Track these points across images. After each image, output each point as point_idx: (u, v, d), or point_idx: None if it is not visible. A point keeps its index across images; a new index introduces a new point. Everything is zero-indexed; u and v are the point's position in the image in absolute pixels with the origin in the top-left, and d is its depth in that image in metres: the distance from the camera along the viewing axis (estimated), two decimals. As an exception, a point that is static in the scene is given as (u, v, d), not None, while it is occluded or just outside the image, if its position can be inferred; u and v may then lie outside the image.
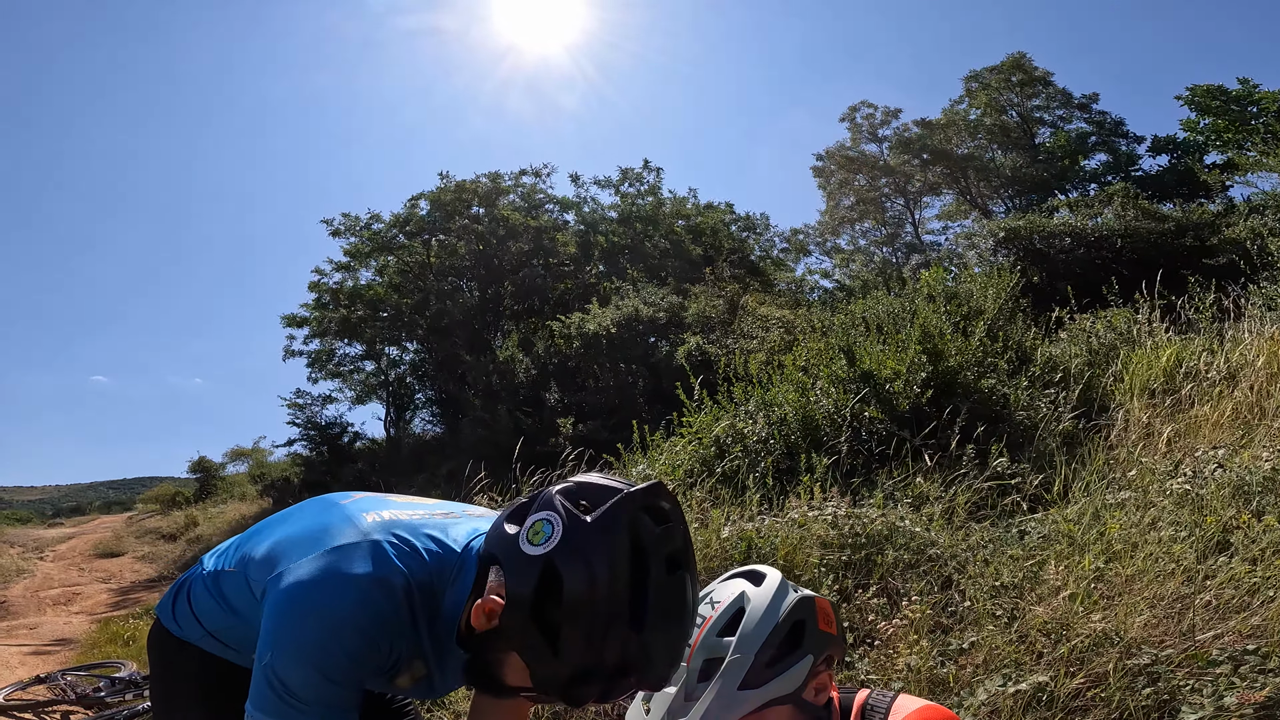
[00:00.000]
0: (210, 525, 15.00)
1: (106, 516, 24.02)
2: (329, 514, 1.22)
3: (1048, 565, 2.59)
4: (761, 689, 1.12)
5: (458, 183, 19.04)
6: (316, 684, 1.04)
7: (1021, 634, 2.29)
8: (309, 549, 1.12)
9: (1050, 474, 3.61)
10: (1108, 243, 10.45)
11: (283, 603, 1.07)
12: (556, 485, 1.09)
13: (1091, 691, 2.00)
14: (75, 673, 4.72)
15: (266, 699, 1.05)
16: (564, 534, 1.00)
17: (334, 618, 1.04)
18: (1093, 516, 2.93)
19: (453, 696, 2.94)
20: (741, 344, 9.33)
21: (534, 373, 13.61)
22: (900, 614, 2.60)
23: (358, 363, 19.58)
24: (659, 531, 1.04)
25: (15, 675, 5.09)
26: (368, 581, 1.07)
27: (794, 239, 24.46)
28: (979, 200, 21.16)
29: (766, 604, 1.17)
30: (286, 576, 1.09)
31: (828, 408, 4.71)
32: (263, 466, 20.00)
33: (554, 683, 1.02)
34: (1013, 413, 4.47)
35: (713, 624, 1.17)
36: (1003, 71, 20.25)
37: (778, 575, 1.23)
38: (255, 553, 1.22)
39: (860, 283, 19.65)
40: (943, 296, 5.72)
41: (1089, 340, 5.63)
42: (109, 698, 4.25)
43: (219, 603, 1.27)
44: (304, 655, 1.04)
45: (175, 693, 1.39)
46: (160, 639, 1.39)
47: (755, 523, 3.59)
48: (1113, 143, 19.55)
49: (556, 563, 0.99)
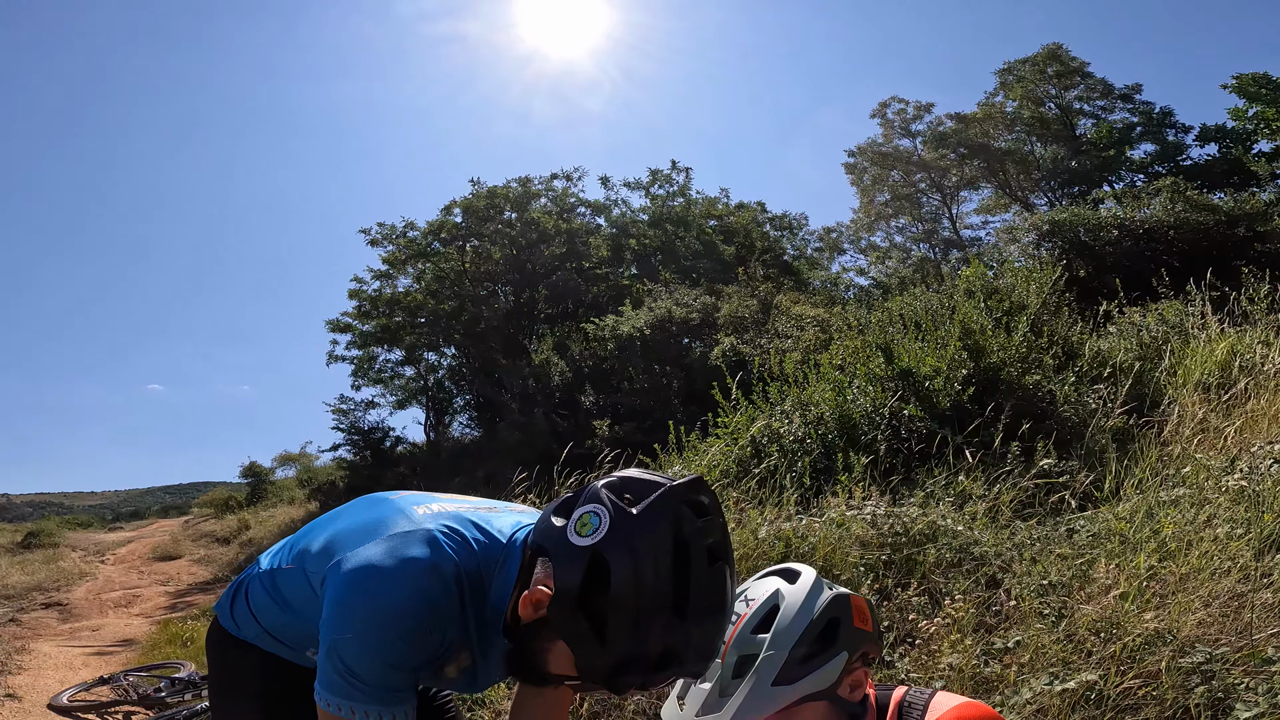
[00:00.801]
0: (261, 528, 15.42)
1: (164, 521, 24.93)
2: (381, 508, 1.26)
3: (1098, 564, 2.53)
4: (795, 685, 1.12)
5: (490, 188, 19.31)
6: (376, 666, 1.08)
7: (1070, 633, 2.25)
8: (366, 538, 1.16)
9: (1100, 471, 3.52)
10: (1157, 234, 10.12)
11: (343, 587, 1.11)
12: (601, 480, 1.11)
13: (1144, 690, 1.95)
14: (136, 673, 4.84)
15: (332, 680, 1.09)
16: (611, 526, 1.03)
17: (392, 602, 1.08)
18: (1145, 514, 2.85)
19: (493, 695, 2.99)
20: (776, 343, 9.28)
21: (569, 375, 13.73)
22: (942, 613, 2.57)
23: (398, 368, 20.00)
24: (700, 524, 1.06)
25: (79, 676, 5.25)
26: (424, 567, 1.11)
27: (827, 237, 24.22)
28: (1019, 194, 20.65)
29: (801, 601, 1.18)
30: (346, 562, 1.13)
31: (865, 406, 4.66)
32: (309, 471, 20.53)
33: (599, 671, 1.05)
34: (1059, 409, 4.36)
35: (747, 621, 1.18)
36: (1038, 63, 19.75)
37: (812, 573, 1.23)
38: (311, 547, 1.26)
39: (897, 280, 19.33)
40: (983, 292, 5.60)
41: (1139, 334, 5.47)
42: (169, 698, 4.35)
43: (276, 601, 1.30)
44: (364, 638, 1.08)
45: (233, 690, 1.43)
46: (218, 638, 1.42)
47: (793, 523, 3.57)
48: (1159, 133, 18.90)
49: (604, 553, 1.02)
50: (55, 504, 61.89)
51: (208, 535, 16.35)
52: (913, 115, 22.02)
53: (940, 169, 21.56)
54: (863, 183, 23.16)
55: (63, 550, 14.63)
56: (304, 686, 1.32)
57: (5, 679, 5.11)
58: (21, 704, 4.60)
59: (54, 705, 4.31)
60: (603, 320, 13.63)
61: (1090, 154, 19.04)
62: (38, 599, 9.25)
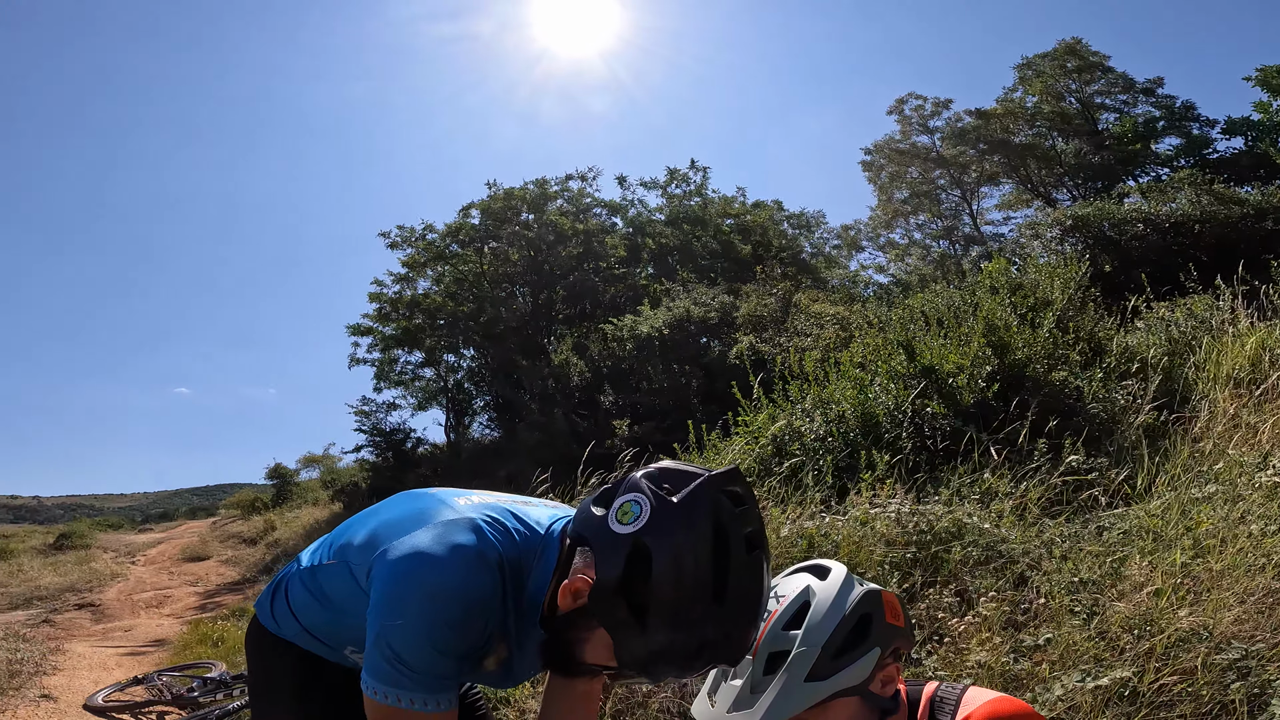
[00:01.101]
0: (287, 529, 15.63)
1: (192, 522, 25.37)
2: (422, 500, 1.28)
3: (1130, 561, 2.50)
4: (828, 681, 1.12)
5: (506, 190, 19.41)
6: (425, 652, 1.09)
7: (1102, 630, 2.23)
8: (413, 526, 1.18)
9: (1131, 468, 3.47)
10: (1184, 228, 9.97)
11: (393, 574, 1.12)
12: (639, 470, 1.13)
13: (1179, 686, 1.93)
14: (169, 674, 4.88)
15: (380, 667, 1.10)
16: (652, 513, 1.04)
17: (441, 588, 1.10)
18: (1179, 511, 2.81)
19: (517, 694, 3.01)
20: (795, 342, 9.24)
21: (588, 376, 13.77)
22: (972, 611, 2.55)
23: (418, 370, 20.17)
24: (738, 512, 1.07)
25: (113, 676, 5.32)
26: (472, 553, 1.12)
27: (845, 234, 24.07)
28: (1041, 189, 20.38)
29: (833, 597, 1.18)
30: (395, 550, 1.15)
31: (887, 404, 4.63)
32: (333, 472, 20.78)
33: (638, 660, 1.06)
34: (1087, 406, 4.31)
35: (778, 617, 1.18)
36: (1057, 58, 19.51)
37: (843, 569, 1.23)
38: (354, 541, 1.27)
39: (917, 277, 19.17)
40: (1006, 288, 5.54)
41: (1168, 329, 5.39)
42: (201, 698, 4.39)
43: (316, 597, 1.30)
44: (413, 624, 1.09)
45: (271, 689, 1.43)
46: (257, 637, 1.43)
47: (815, 521, 3.56)
48: (1182, 126, 18.59)
49: (645, 540, 1.03)
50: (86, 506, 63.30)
51: (235, 536, 16.62)
52: (930, 111, 21.82)
53: (960, 165, 21.33)
54: (880, 180, 22.99)
55: (94, 552, 14.96)
56: (341, 685, 1.34)
57: (40, 679, 5.19)
58: (57, 704, 4.68)
59: (89, 706, 4.35)
60: (621, 320, 13.66)
61: (1113, 148, 18.77)
62: (70, 600, 9.44)
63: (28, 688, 4.92)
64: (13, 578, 10.90)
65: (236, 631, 6.48)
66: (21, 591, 9.81)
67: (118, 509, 55.64)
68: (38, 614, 8.33)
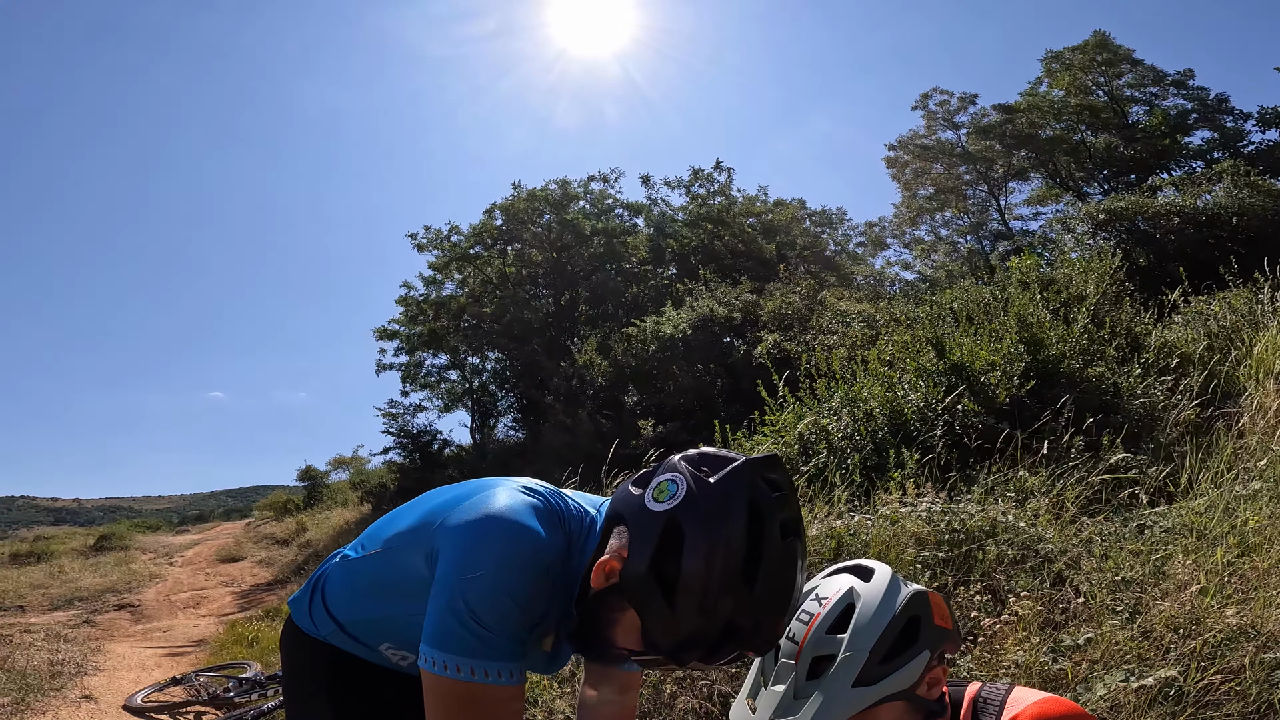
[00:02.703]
0: (318, 530, 15.85)
1: (227, 524, 25.90)
2: (472, 484, 1.27)
3: (1174, 560, 2.44)
4: (876, 686, 1.10)
5: (529, 191, 19.52)
6: (505, 606, 1.05)
7: (1145, 630, 2.17)
8: (478, 493, 1.18)
9: (1173, 465, 3.38)
10: (1220, 221, 9.72)
11: (470, 529, 1.10)
12: (679, 454, 1.12)
13: (1225, 686, 1.88)
14: (206, 674, 4.94)
15: (450, 632, 1.04)
16: (688, 492, 1.04)
17: (523, 538, 1.09)
18: (1223, 509, 2.74)
19: (545, 695, 3.02)
20: (821, 340, 9.17)
21: (612, 376, 13.78)
22: (1007, 610, 2.50)
23: (444, 372, 20.37)
24: (775, 498, 1.06)
25: (152, 677, 5.38)
26: (544, 511, 1.14)
27: (870, 231, 23.82)
28: (1071, 183, 19.98)
29: (880, 599, 1.14)
30: (465, 513, 1.13)
31: (917, 402, 4.57)
32: (362, 474, 21.05)
33: (665, 642, 1.04)
34: (1126, 402, 4.21)
35: (821, 620, 1.14)
36: (1085, 51, 19.15)
37: (887, 570, 1.20)
38: (402, 528, 1.25)
39: (945, 273, 18.90)
40: (1038, 283, 5.44)
41: (1207, 323, 5.25)
42: (237, 698, 4.44)
43: (359, 590, 1.29)
44: (493, 575, 1.05)
45: (306, 689, 1.41)
46: (293, 636, 1.42)
47: (844, 520, 3.53)
48: (1216, 119, 18.13)
49: (680, 518, 1.03)
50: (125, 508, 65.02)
51: (268, 537, 16.90)
52: (956, 106, 21.52)
53: (986, 160, 20.99)
54: (904, 176, 22.71)
55: (133, 553, 15.30)
56: (377, 686, 1.35)
57: (81, 680, 5.27)
58: (98, 705, 4.74)
59: (129, 706, 4.42)
60: (644, 321, 13.65)
61: (1145, 141, 18.36)
62: (110, 601, 9.63)
63: (69, 689, 5.00)
64: (54, 579, 11.14)
65: (270, 632, 6.58)
66: (63, 593, 10.01)
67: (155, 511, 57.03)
68: (79, 615, 8.47)
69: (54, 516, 62.34)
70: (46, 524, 43.83)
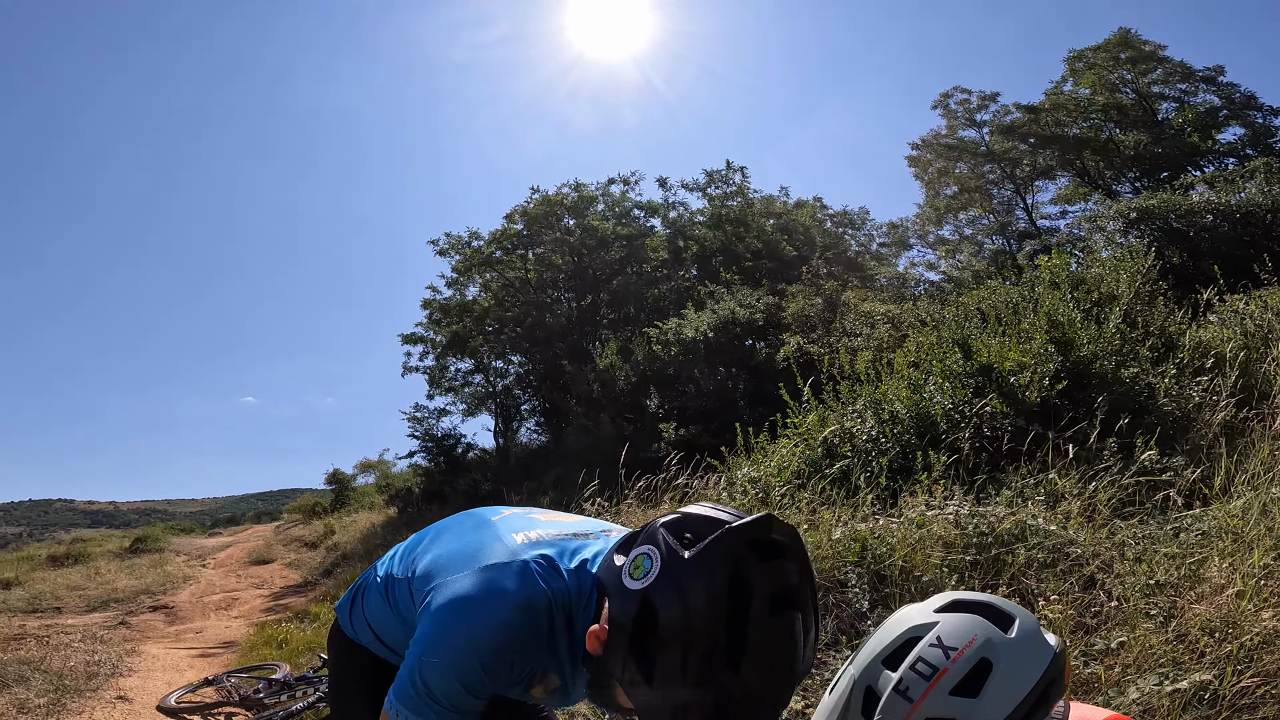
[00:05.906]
0: (345, 534, 16.02)
1: (258, 526, 26.29)
2: (481, 533, 1.31)
3: (1209, 563, 2.38)
4: None
5: (547, 195, 19.61)
6: (454, 690, 1.13)
7: (1180, 633, 2.13)
8: (465, 565, 1.22)
9: (1208, 467, 3.30)
10: (1255, 218, 9.48)
11: (437, 614, 1.16)
12: (663, 517, 1.09)
13: (1262, 689, 1.84)
14: (237, 675, 5.00)
15: (408, 694, 1.15)
16: (661, 569, 1.00)
17: (479, 635, 1.12)
18: (1260, 511, 2.67)
19: (582, 706, 3.02)
20: (845, 342, 9.09)
21: (634, 379, 13.78)
22: (1038, 614, 2.46)
23: (467, 376, 20.53)
24: (765, 568, 1.00)
25: (185, 678, 5.48)
26: (515, 602, 1.14)
27: (893, 232, 23.57)
28: (1100, 181, 19.60)
29: (1024, 662, 0.97)
30: (442, 591, 1.19)
31: (944, 404, 4.52)
32: (388, 477, 21.30)
33: (654, 712, 1.04)
34: (1160, 403, 4.12)
35: (946, 678, 0.96)
36: (1109, 49, 18.78)
37: (1031, 619, 1.02)
38: (418, 565, 1.32)
39: (970, 273, 18.63)
40: (1068, 283, 5.35)
41: (1242, 323, 5.12)
42: (266, 699, 4.48)
43: (390, 606, 1.36)
44: (448, 663, 1.12)
45: (348, 691, 1.50)
46: (338, 638, 1.51)
47: (869, 523, 3.49)
48: (1246, 116, 17.70)
49: (652, 598, 1.00)
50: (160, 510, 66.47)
51: (297, 540, 17.13)
52: (977, 105, 21.21)
53: (1011, 159, 20.67)
54: (927, 175, 22.43)
55: (168, 555, 15.59)
56: None
57: (117, 681, 5.35)
58: (132, 705, 4.82)
59: (162, 707, 4.48)
60: (665, 324, 13.64)
61: (1175, 139, 17.96)
62: (145, 602, 9.82)
63: (104, 689, 5.07)
64: (90, 580, 11.37)
65: (299, 634, 6.68)
66: (99, 594, 10.22)
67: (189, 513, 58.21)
68: (114, 616, 8.63)
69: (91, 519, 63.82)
70: (83, 526, 44.93)
